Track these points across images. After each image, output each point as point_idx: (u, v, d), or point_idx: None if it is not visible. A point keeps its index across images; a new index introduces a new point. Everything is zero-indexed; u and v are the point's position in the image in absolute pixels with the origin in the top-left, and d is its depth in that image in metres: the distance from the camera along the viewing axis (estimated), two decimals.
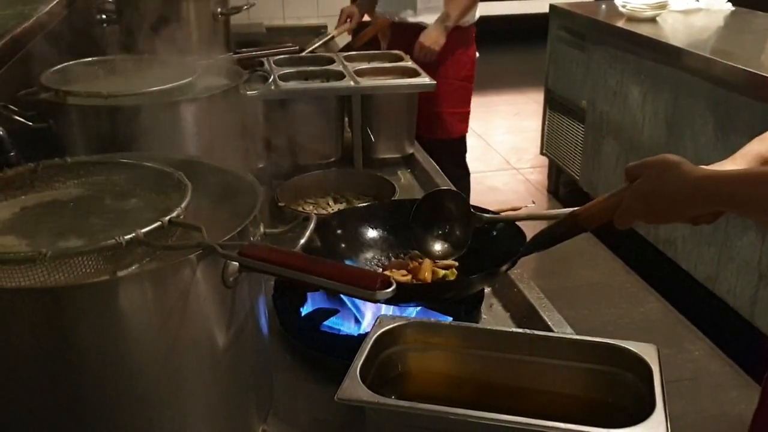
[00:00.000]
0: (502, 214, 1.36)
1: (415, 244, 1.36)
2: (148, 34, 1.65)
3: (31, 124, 1.26)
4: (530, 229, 1.25)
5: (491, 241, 1.33)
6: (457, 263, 1.34)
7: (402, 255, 1.41)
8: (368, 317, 1.25)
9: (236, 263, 0.80)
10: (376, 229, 1.44)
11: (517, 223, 1.32)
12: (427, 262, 1.33)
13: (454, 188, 1.82)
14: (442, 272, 1.31)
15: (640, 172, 1.02)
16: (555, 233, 1.15)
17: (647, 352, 0.93)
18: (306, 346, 1.20)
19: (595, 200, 1.10)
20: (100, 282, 0.75)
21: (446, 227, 1.36)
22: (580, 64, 3.78)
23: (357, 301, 1.26)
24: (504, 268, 1.22)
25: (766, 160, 1.13)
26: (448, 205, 1.37)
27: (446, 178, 1.91)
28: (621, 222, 1.06)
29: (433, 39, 2.75)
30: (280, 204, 1.65)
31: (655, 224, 1.06)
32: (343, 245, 1.40)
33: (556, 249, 1.24)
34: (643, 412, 0.85)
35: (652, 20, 3.53)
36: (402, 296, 1.17)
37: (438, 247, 1.35)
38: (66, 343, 0.76)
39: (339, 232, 1.40)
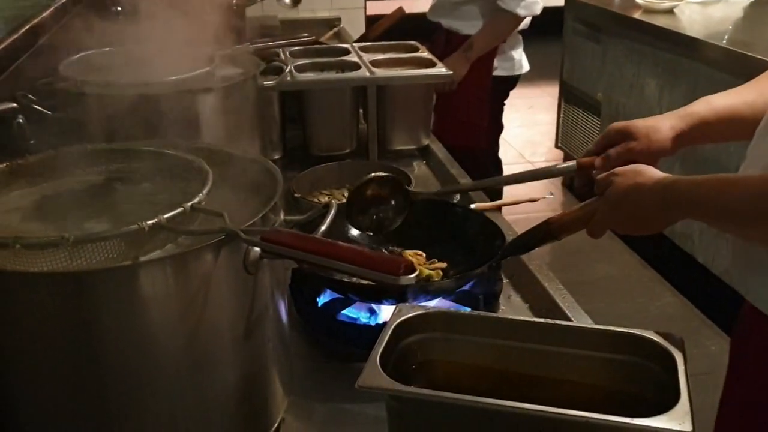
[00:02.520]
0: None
1: (350, 222, 1.37)
2: (164, 25, 1.65)
3: (49, 113, 1.26)
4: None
5: (473, 242, 1.34)
6: (445, 264, 1.33)
7: (384, 251, 1.41)
8: (384, 308, 1.25)
9: (257, 250, 0.79)
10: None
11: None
12: (406, 255, 1.33)
13: (470, 179, 1.82)
14: (426, 272, 1.30)
15: (610, 182, 1.02)
16: (529, 240, 1.16)
17: (671, 342, 0.92)
18: (323, 335, 1.20)
19: (570, 210, 1.10)
20: (122, 267, 0.75)
21: (380, 208, 1.38)
22: (595, 56, 3.76)
23: None
24: (477, 272, 1.22)
25: (703, 122, 1.15)
26: (381, 191, 1.38)
27: (461, 169, 1.90)
28: (594, 232, 1.06)
29: (451, 68, 2.61)
30: (295, 195, 1.64)
31: (628, 234, 1.06)
32: None
33: (572, 243, 1.24)
34: (667, 403, 0.84)
35: (670, 12, 3.50)
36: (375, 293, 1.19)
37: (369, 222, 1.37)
38: (88, 327, 0.76)
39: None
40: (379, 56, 2.12)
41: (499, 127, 3.05)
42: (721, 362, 2.48)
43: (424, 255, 1.36)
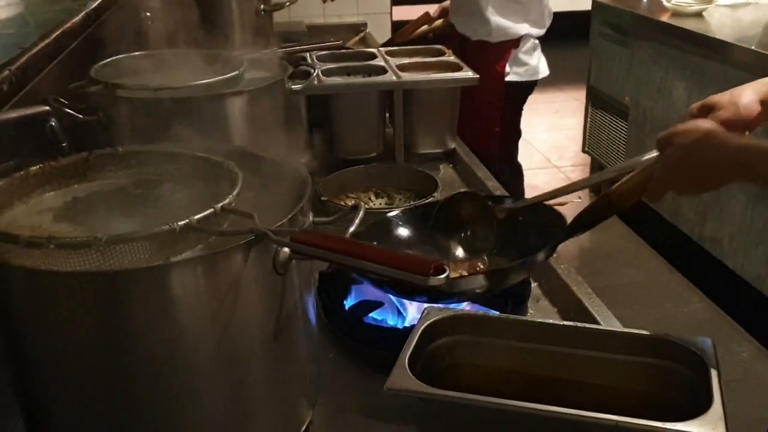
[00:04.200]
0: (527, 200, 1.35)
1: (438, 254, 1.33)
2: (193, 30, 1.67)
3: (81, 116, 1.28)
4: None
5: (529, 233, 1.29)
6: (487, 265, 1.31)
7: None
8: (411, 310, 1.24)
9: (287, 250, 0.80)
10: (409, 230, 1.42)
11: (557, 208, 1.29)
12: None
13: (496, 182, 1.82)
14: None
15: (671, 140, 1.00)
16: (591, 215, 1.13)
17: (703, 346, 0.91)
18: (350, 338, 1.20)
19: (626, 177, 1.07)
20: (153, 267, 0.76)
21: (467, 230, 1.34)
22: (623, 60, 3.73)
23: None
24: (542, 254, 1.18)
25: None
26: (466, 208, 1.35)
27: (488, 171, 1.89)
28: (653, 195, 1.03)
29: None
30: (322, 198, 1.65)
31: (686, 195, 1.03)
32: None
33: (599, 247, 1.22)
34: (699, 407, 0.83)
35: (698, 15, 3.46)
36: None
37: (460, 252, 1.33)
38: (119, 326, 0.77)
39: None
40: (406, 60, 2.13)
41: (517, 133, 3.02)
42: (751, 369, 2.44)
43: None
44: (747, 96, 1.12)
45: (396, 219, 1.42)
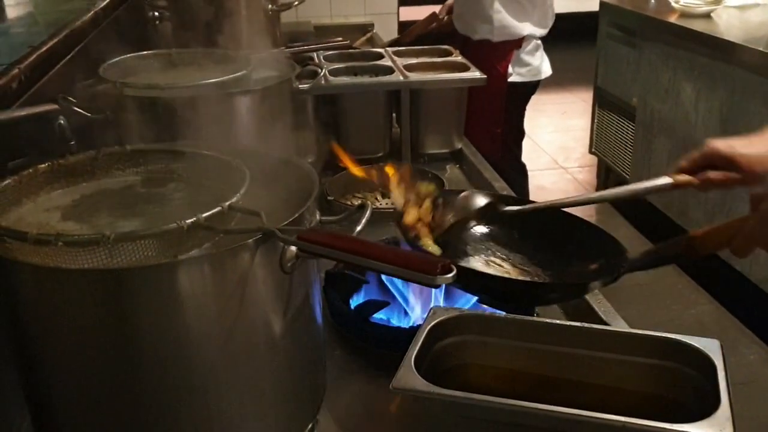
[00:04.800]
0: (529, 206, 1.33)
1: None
2: (200, 29, 1.67)
3: (89, 114, 1.28)
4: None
5: (584, 248, 1.25)
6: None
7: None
8: (417, 310, 1.24)
9: (293, 249, 0.80)
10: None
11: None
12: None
13: (503, 183, 1.81)
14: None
15: (766, 195, 0.97)
16: (666, 254, 1.10)
17: (710, 347, 0.91)
18: (356, 337, 1.20)
19: (715, 225, 1.05)
20: (161, 264, 0.76)
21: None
22: (630, 61, 3.72)
23: (406, 293, 1.26)
24: (598, 283, 1.14)
25: None
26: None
27: (494, 172, 1.89)
28: (740, 249, 1.00)
29: None
30: (329, 198, 1.65)
31: None
32: None
33: None
34: (706, 409, 0.82)
35: (707, 16, 3.45)
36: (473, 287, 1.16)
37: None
38: (126, 324, 0.77)
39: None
40: (413, 60, 2.13)
41: (520, 134, 3.02)
42: (759, 372, 2.43)
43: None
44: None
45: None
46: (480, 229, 1.34)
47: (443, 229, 1.25)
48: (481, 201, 1.34)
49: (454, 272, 0.69)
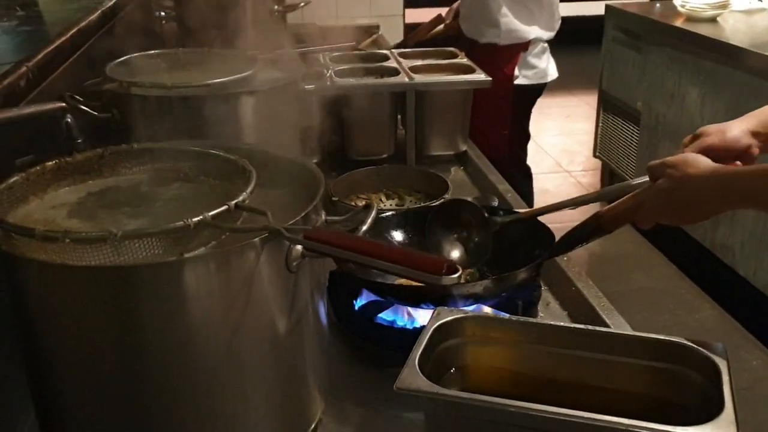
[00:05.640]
0: (521, 212, 1.36)
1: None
2: (207, 29, 1.67)
3: (96, 113, 1.29)
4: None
5: (521, 245, 1.30)
6: (470, 271, 1.32)
7: None
8: (421, 311, 1.24)
9: (299, 248, 0.80)
10: (407, 234, 1.41)
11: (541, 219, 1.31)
12: None
13: (507, 185, 1.82)
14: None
15: (663, 171, 1.01)
16: (579, 235, 1.14)
17: (715, 350, 0.91)
18: (361, 338, 1.20)
19: (618, 201, 1.09)
20: (167, 262, 0.76)
21: (463, 237, 1.34)
22: (635, 65, 3.72)
23: None
24: (524, 272, 1.18)
25: None
26: (464, 215, 1.35)
27: (499, 174, 1.89)
28: (643, 221, 1.05)
29: None
30: (333, 198, 1.65)
31: (675, 224, 1.04)
32: None
33: (609, 253, 1.22)
34: (710, 413, 0.82)
35: (713, 20, 3.45)
36: (414, 297, 1.18)
37: (456, 256, 1.33)
38: (132, 321, 0.77)
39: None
40: (418, 62, 2.13)
41: (526, 136, 3.02)
42: (761, 377, 2.43)
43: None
44: (735, 127, 1.14)
45: (391, 220, 1.43)
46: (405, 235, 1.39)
47: None
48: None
49: (460, 272, 0.69)
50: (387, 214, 1.44)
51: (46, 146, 1.17)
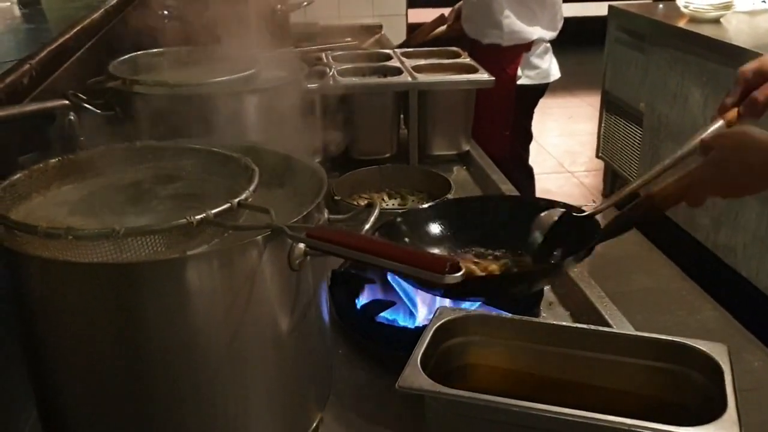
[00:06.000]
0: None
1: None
2: (209, 28, 1.67)
3: (98, 111, 1.29)
4: None
5: (562, 232, 1.27)
6: (497, 266, 1.30)
7: (467, 252, 1.38)
8: (423, 311, 1.24)
9: (302, 246, 0.80)
10: (441, 226, 1.41)
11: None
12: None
13: (510, 186, 1.81)
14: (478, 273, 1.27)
15: (716, 143, 0.99)
16: (631, 217, 1.11)
17: (717, 351, 0.91)
18: (362, 337, 1.20)
19: (669, 180, 1.06)
20: (169, 260, 0.76)
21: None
22: (638, 65, 3.71)
23: (412, 294, 1.26)
24: (577, 256, 1.16)
25: None
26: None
27: (502, 174, 1.89)
28: (695, 198, 1.02)
29: None
30: (336, 198, 1.65)
31: (729, 197, 1.02)
32: (407, 240, 1.36)
33: (611, 253, 1.20)
34: (712, 413, 0.82)
35: (716, 21, 3.45)
36: (465, 290, 1.16)
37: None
38: (133, 318, 0.77)
39: (404, 228, 1.36)
40: (421, 62, 2.13)
41: (528, 136, 3.02)
42: (764, 379, 2.42)
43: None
44: None
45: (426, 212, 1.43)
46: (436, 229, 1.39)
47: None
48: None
49: (463, 271, 0.69)
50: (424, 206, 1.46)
51: (49, 144, 1.18)
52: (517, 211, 1.38)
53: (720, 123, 1.15)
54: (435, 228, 1.40)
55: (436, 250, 1.37)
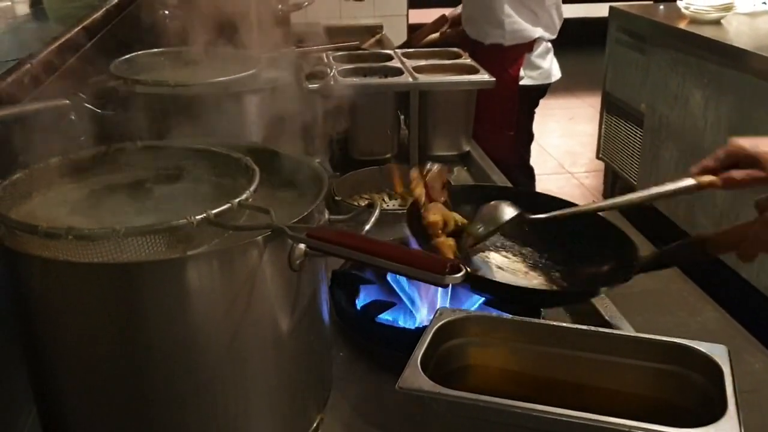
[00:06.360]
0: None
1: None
2: (210, 28, 1.67)
3: (99, 110, 1.29)
4: None
5: (595, 246, 1.25)
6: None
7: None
8: (423, 312, 1.24)
9: (302, 247, 0.80)
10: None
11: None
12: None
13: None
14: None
15: None
16: (678, 254, 1.12)
17: (717, 352, 0.91)
18: (362, 337, 1.20)
19: (727, 228, 1.07)
20: (170, 259, 0.76)
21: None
22: (639, 66, 3.71)
23: (412, 294, 1.26)
24: (614, 283, 1.15)
25: None
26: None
27: (502, 174, 1.89)
28: (746, 254, 1.03)
29: None
30: (336, 198, 1.65)
31: None
32: None
33: None
34: (711, 415, 0.82)
35: (717, 22, 3.45)
36: (488, 291, 1.17)
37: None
38: (134, 318, 0.77)
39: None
40: (422, 62, 2.13)
41: (530, 137, 3.02)
42: (764, 380, 2.42)
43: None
44: None
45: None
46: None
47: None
48: (509, 212, 1.30)
49: (463, 272, 0.69)
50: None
51: (50, 143, 1.17)
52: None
53: (691, 182, 1.14)
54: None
55: None
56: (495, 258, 1.27)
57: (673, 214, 3.41)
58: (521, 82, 2.74)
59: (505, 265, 1.26)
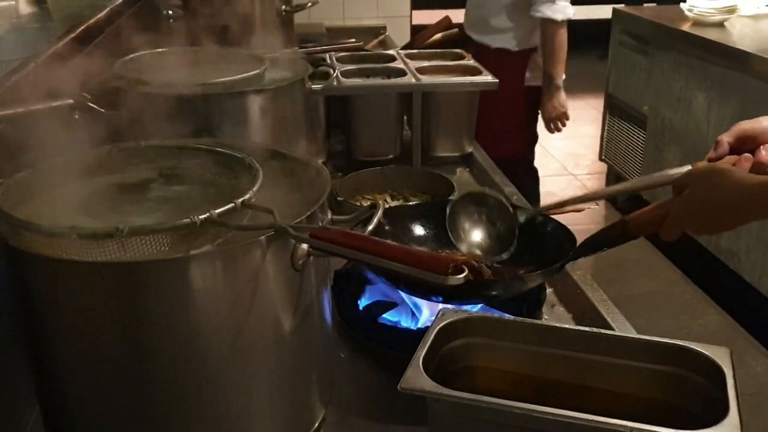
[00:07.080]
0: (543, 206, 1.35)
1: (456, 244, 1.33)
2: (214, 28, 1.68)
3: (103, 110, 1.29)
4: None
5: (540, 244, 1.30)
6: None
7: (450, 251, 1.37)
8: (425, 312, 1.25)
9: (305, 247, 0.80)
10: (424, 227, 1.41)
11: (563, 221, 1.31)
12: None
13: (513, 188, 1.81)
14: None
15: (688, 182, 1.00)
16: (604, 238, 1.13)
17: (719, 355, 0.91)
18: (365, 338, 1.20)
19: (646, 208, 1.08)
20: (173, 259, 0.76)
21: (488, 227, 1.34)
22: (642, 69, 3.71)
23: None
24: (550, 269, 1.19)
25: None
26: (488, 206, 1.35)
27: (505, 176, 1.89)
28: (667, 233, 1.04)
29: (553, 105, 2.71)
30: (338, 198, 1.65)
31: (702, 234, 1.03)
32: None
33: (614, 257, 1.20)
34: (713, 417, 0.82)
35: (720, 25, 3.45)
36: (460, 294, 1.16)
37: (478, 244, 1.33)
38: (138, 317, 0.77)
39: (387, 228, 1.35)
40: (425, 63, 2.13)
41: (534, 137, 3.03)
42: (767, 383, 2.41)
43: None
44: None
45: (408, 212, 1.43)
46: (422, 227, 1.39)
47: None
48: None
49: (466, 272, 0.69)
50: (409, 203, 1.45)
51: (54, 142, 1.18)
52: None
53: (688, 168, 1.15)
54: (418, 228, 1.40)
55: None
56: None
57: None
58: (527, 84, 2.76)
59: None
